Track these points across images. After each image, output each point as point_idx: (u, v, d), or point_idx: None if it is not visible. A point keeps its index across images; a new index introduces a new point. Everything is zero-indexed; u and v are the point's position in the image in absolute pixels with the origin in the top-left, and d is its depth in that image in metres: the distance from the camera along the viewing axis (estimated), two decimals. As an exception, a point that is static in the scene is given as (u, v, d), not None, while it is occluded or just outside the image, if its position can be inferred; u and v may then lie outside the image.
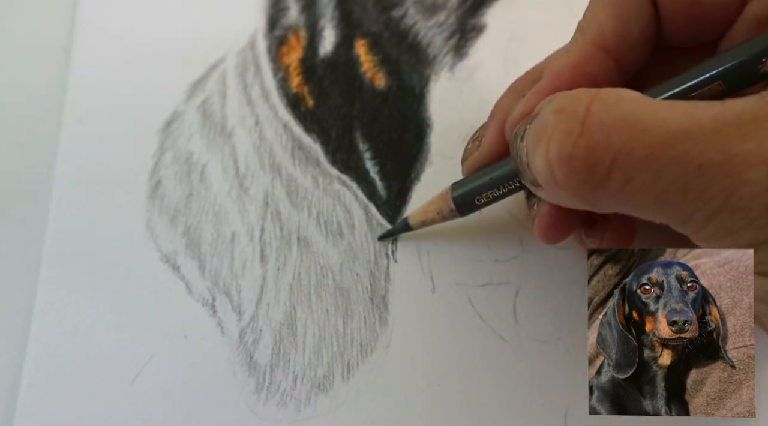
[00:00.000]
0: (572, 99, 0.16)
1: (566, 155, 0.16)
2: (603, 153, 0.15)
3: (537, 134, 0.17)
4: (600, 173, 0.16)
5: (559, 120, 0.16)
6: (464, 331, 0.25)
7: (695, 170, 0.15)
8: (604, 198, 0.16)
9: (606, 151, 0.15)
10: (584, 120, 0.16)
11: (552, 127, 0.16)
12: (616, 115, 0.16)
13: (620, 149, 0.15)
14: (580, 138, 0.16)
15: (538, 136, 0.17)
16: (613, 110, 0.16)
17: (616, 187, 0.16)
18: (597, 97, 0.16)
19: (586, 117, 0.16)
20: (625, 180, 0.16)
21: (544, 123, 0.17)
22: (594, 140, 0.16)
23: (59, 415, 0.23)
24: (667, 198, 0.15)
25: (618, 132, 0.15)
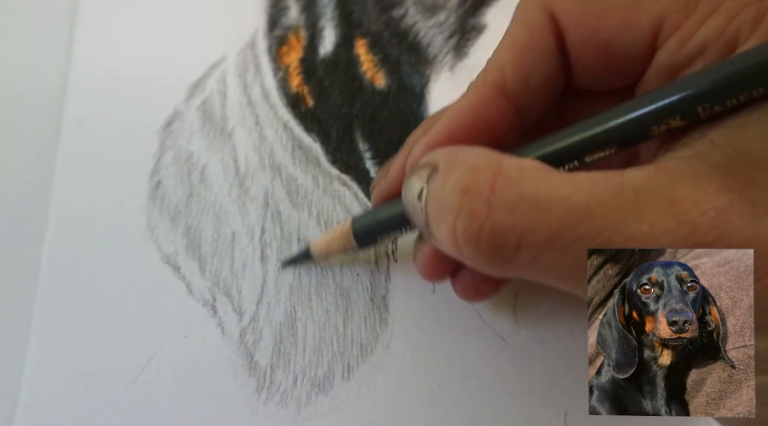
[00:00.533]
0: (475, 175, 0.17)
1: (473, 237, 0.16)
2: (508, 234, 0.16)
3: (441, 208, 0.17)
4: (507, 253, 0.16)
5: (464, 201, 0.16)
6: (464, 331, 0.25)
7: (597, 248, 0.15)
8: (511, 272, 0.17)
9: (511, 232, 0.16)
10: (489, 201, 0.16)
11: (458, 208, 0.16)
12: (519, 194, 0.16)
13: (525, 230, 0.16)
14: (486, 220, 0.16)
15: (443, 210, 0.17)
16: (517, 189, 0.16)
17: (523, 265, 0.16)
18: (500, 174, 0.16)
19: (491, 198, 0.16)
20: (531, 259, 0.16)
21: (449, 200, 0.17)
22: (499, 221, 0.16)
23: (60, 415, 0.23)
24: (570, 274, 0.16)
25: (522, 212, 0.16)
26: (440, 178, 0.17)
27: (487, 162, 0.17)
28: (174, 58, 0.30)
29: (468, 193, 0.16)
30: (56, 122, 0.29)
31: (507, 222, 0.16)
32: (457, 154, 0.18)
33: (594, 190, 0.15)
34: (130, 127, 0.29)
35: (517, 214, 0.16)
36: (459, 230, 0.16)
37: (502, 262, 0.16)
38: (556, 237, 0.15)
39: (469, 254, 0.17)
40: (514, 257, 0.16)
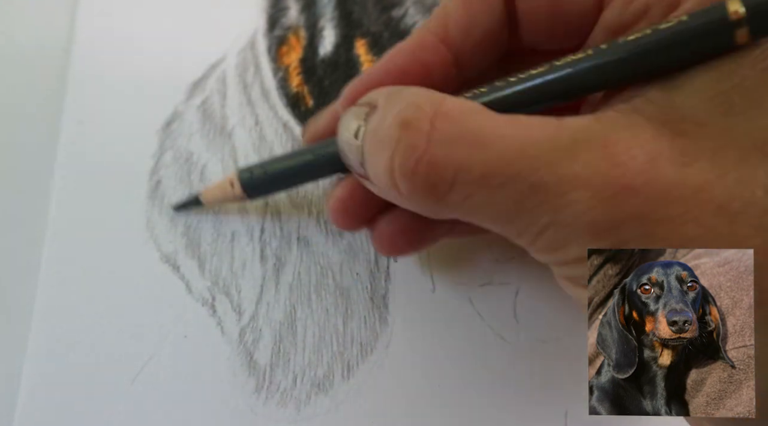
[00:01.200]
0: (416, 110, 0.17)
1: (410, 171, 0.16)
2: (444, 170, 0.16)
3: (380, 143, 0.17)
4: (442, 189, 0.16)
5: (404, 134, 0.16)
6: (464, 331, 0.25)
7: (528, 189, 0.15)
8: (445, 211, 0.17)
9: (447, 168, 0.16)
10: (428, 135, 0.16)
11: (396, 141, 0.16)
12: (459, 131, 0.16)
13: (461, 166, 0.16)
14: (423, 154, 0.16)
15: (381, 145, 0.17)
16: (457, 126, 0.16)
17: (457, 202, 0.16)
18: (440, 111, 0.16)
19: (431, 132, 0.16)
20: (465, 196, 0.16)
21: (388, 134, 0.17)
22: (437, 156, 0.16)
23: (60, 415, 0.23)
24: (502, 214, 0.16)
25: (459, 149, 0.16)
26: (380, 114, 0.18)
27: (429, 99, 0.17)
28: (174, 58, 0.30)
29: (408, 127, 0.16)
30: (56, 122, 0.29)
31: (444, 157, 0.16)
32: (399, 93, 0.18)
33: (531, 132, 0.16)
34: (129, 126, 0.29)
35: (455, 150, 0.16)
36: (396, 164, 0.16)
37: (436, 199, 0.17)
38: (491, 174, 0.16)
39: (405, 189, 0.17)
40: (448, 194, 0.16)
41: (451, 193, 0.16)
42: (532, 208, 0.16)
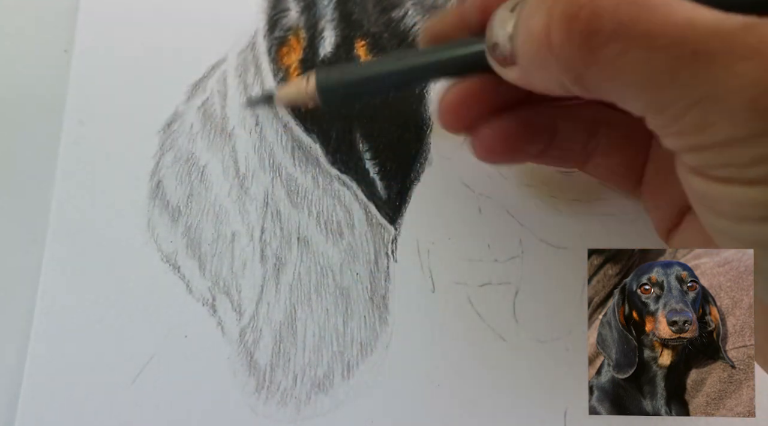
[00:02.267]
0: None
1: (571, 15, 0.16)
2: (607, 19, 0.15)
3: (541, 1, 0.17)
4: (599, 40, 0.16)
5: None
6: (464, 331, 0.25)
7: (690, 55, 0.14)
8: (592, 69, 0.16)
9: (610, 18, 0.15)
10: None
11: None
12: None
13: (623, 20, 0.15)
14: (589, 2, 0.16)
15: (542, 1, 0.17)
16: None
17: (610, 58, 0.16)
18: None
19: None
20: (620, 51, 0.15)
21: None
22: (601, 6, 0.15)
23: (60, 415, 0.23)
24: (655, 79, 0.15)
25: (626, 4, 0.15)
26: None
27: None
28: (174, 59, 0.30)
29: None
30: (57, 122, 0.29)
31: (609, 8, 0.15)
32: None
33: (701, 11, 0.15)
34: (130, 127, 0.29)
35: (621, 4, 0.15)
36: (557, 9, 0.16)
37: (589, 50, 0.16)
38: (653, 34, 0.15)
39: (559, 38, 0.16)
40: (603, 48, 0.16)
41: (606, 46, 0.15)
42: (690, 76, 0.14)
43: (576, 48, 0.16)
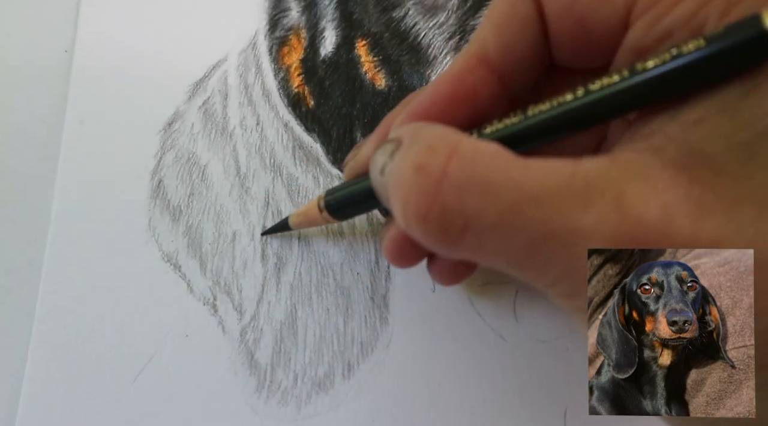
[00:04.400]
0: (430, 155, 0.16)
1: (422, 217, 0.16)
2: (456, 216, 0.16)
3: (396, 186, 0.17)
4: (453, 235, 0.16)
5: (416, 179, 0.16)
6: (464, 330, 0.25)
7: (541, 239, 0.15)
8: (459, 254, 0.17)
9: (459, 215, 0.16)
10: (440, 181, 0.16)
11: (409, 185, 0.16)
12: (470, 176, 0.16)
13: (472, 214, 0.16)
14: (435, 201, 0.16)
15: (397, 188, 0.17)
16: (469, 171, 0.16)
17: (470, 248, 0.16)
18: (455, 154, 0.16)
19: (443, 178, 0.16)
20: (477, 243, 0.16)
21: (403, 178, 0.17)
22: (448, 204, 0.16)
23: (61, 414, 0.23)
24: (516, 262, 0.16)
25: (471, 196, 0.16)
26: (400, 155, 0.17)
27: (445, 141, 0.17)
28: (175, 59, 0.30)
29: (421, 171, 0.16)
30: (58, 122, 0.29)
31: (455, 204, 0.16)
32: (420, 131, 0.18)
33: (545, 179, 0.15)
34: (131, 127, 0.29)
35: (466, 197, 0.16)
36: (409, 208, 0.16)
37: (449, 243, 0.16)
38: (502, 222, 0.15)
39: (419, 233, 0.17)
40: (461, 239, 0.16)
41: (463, 238, 0.16)
42: (545, 257, 0.15)
43: (435, 242, 0.17)
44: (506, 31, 0.19)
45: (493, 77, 0.20)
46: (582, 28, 0.18)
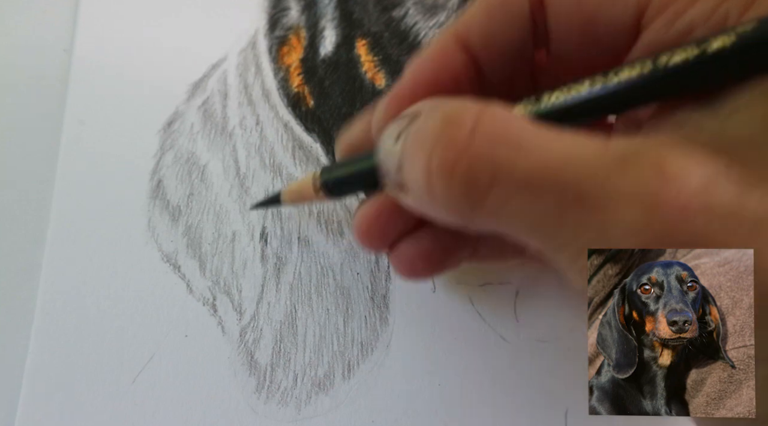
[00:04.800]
0: (461, 109, 0.16)
1: (449, 166, 0.15)
2: (485, 168, 0.15)
3: (419, 140, 0.16)
4: (480, 189, 0.15)
5: (447, 130, 0.16)
6: (464, 330, 0.25)
7: (572, 201, 0.14)
8: (480, 216, 0.16)
9: (488, 166, 0.15)
10: (473, 130, 0.15)
11: (438, 135, 0.16)
12: (503, 132, 0.15)
13: (502, 167, 0.15)
14: (465, 150, 0.15)
15: (421, 142, 0.16)
16: (501, 127, 0.15)
17: (494, 207, 0.15)
18: (486, 111, 0.16)
19: (475, 128, 0.15)
20: (503, 200, 0.15)
21: (430, 130, 0.16)
22: (479, 154, 0.15)
23: (60, 414, 0.23)
24: (542, 225, 0.15)
25: (503, 149, 0.15)
26: (423, 118, 0.17)
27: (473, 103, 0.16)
28: (175, 58, 0.30)
29: (452, 123, 0.16)
30: (57, 122, 0.29)
31: (485, 156, 0.15)
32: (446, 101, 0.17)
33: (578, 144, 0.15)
34: (131, 126, 0.29)
35: (497, 150, 0.15)
36: (436, 161, 0.16)
37: (473, 201, 0.16)
38: (533, 180, 0.15)
39: (441, 190, 0.16)
40: (485, 197, 0.15)
41: (489, 195, 0.15)
42: (576, 221, 0.14)
43: (459, 199, 0.16)
44: (492, 19, 0.19)
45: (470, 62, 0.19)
46: (589, 26, 0.18)
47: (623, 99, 0.17)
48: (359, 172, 0.21)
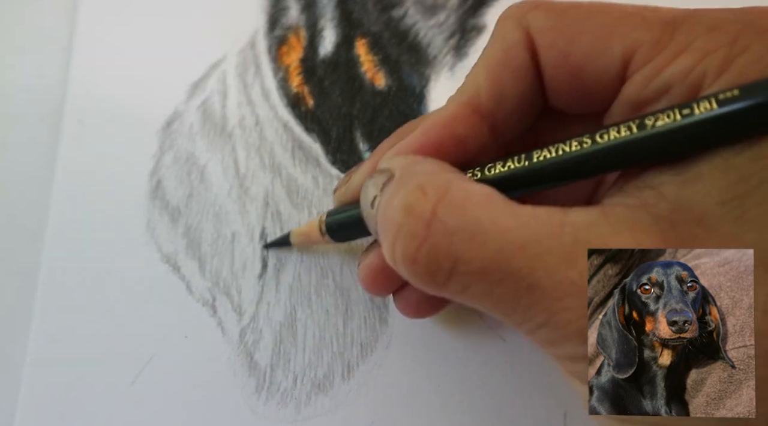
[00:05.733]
0: (420, 196, 0.17)
1: (410, 258, 0.16)
2: (444, 260, 0.16)
3: (386, 224, 0.17)
4: (440, 277, 0.16)
5: (405, 220, 0.16)
6: (464, 331, 0.25)
7: (525, 288, 0.15)
8: (445, 295, 0.17)
9: (446, 258, 0.16)
10: (429, 223, 0.16)
11: (398, 226, 0.17)
12: (459, 221, 0.16)
13: (459, 258, 0.16)
14: (423, 243, 0.16)
15: (387, 227, 0.17)
16: (458, 216, 0.16)
17: (456, 290, 0.17)
18: (445, 196, 0.16)
19: (432, 220, 0.16)
20: (463, 286, 0.16)
21: (393, 217, 0.17)
22: (437, 245, 0.16)
23: (60, 415, 0.23)
24: (499, 307, 0.16)
25: (459, 241, 0.16)
26: (391, 191, 0.18)
27: (436, 182, 0.17)
28: (174, 58, 0.30)
29: (410, 212, 0.16)
30: (56, 122, 0.29)
31: (443, 248, 0.16)
32: (412, 167, 0.18)
33: (533, 228, 0.16)
34: (130, 126, 0.29)
35: (454, 241, 0.16)
36: (399, 250, 0.17)
37: (435, 285, 0.17)
38: (489, 270, 0.16)
39: (406, 273, 0.17)
40: (447, 282, 0.16)
41: (449, 282, 0.16)
42: (529, 306, 0.16)
43: (423, 282, 0.17)
44: (500, 80, 0.19)
45: (485, 125, 0.19)
46: (578, 78, 0.18)
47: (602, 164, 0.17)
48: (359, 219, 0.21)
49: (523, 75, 0.19)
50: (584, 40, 0.18)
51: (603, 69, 0.18)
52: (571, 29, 0.18)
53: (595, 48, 0.18)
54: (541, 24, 0.18)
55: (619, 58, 0.17)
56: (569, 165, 0.18)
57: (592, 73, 0.18)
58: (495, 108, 0.19)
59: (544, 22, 0.18)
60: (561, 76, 0.18)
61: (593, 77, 0.18)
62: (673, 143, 0.16)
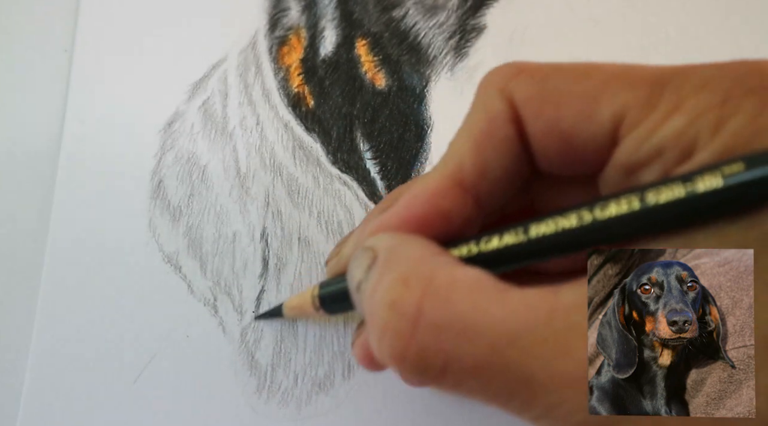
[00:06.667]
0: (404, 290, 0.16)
1: (398, 357, 0.16)
2: (434, 358, 0.16)
3: (370, 319, 0.17)
4: (432, 375, 0.16)
5: (390, 317, 0.16)
6: (465, 330, 0.25)
7: (521, 382, 0.15)
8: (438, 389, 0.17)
9: (437, 356, 0.15)
10: (415, 321, 0.16)
11: (384, 323, 0.16)
12: (447, 316, 0.15)
13: (450, 356, 0.15)
14: (411, 341, 0.16)
15: (371, 322, 0.17)
16: (445, 309, 0.16)
17: (449, 387, 0.16)
18: (429, 291, 0.16)
19: (418, 317, 0.16)
20: (456, 383, 0.16)
21: (377, 314, 0.16)
22: (425, 344, 0.15)
23: (62, 415, 0.23)
24: (496, 401, 0.16)
25: (449, 338, 0.15)
26: (374, 278, 0.17)
27: (419, 272, 0.16)
28: (175, 59, 0.30)
29: (395, 309, 0.16)
30: (58, 122, 0.29)
31: (432, 345, 0.15)
32: (396, 250, 0.17)
33: (524, 317, 0.15)
34: (131, 127, 0.29)
35: (444, 339, 0.15)
36: (386, 349, 0.16)
37: (428, 382, 0.16)
38: (482, 366, 0.15)
39: (395, 370, 0.16)
40: (439, 379, 0.16)
41: (442, 379, 0.16)
42: (526, 399, 0.15)
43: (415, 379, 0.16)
44: (484, 152, 0.18)
45: (469, 198, 0.19)
46: (567, 145, 0.18)
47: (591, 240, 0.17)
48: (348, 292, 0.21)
49: (508, 147, 0.18)
50: (572, 106, 0.17)
51: (593, 135, 0.17)
52: (557, 96, 0.17)
53: (584, 114, 0.17)
54: (526, 93, 0.18)
55: (609, 122, 0.17)
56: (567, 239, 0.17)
57: (581, 139, 0.17)
58: (479, 181, 0.19)
59: (528, 91, 0.18)
60: (549, 145, 0.18)
61: (583, 143, 0.17)
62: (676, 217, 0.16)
